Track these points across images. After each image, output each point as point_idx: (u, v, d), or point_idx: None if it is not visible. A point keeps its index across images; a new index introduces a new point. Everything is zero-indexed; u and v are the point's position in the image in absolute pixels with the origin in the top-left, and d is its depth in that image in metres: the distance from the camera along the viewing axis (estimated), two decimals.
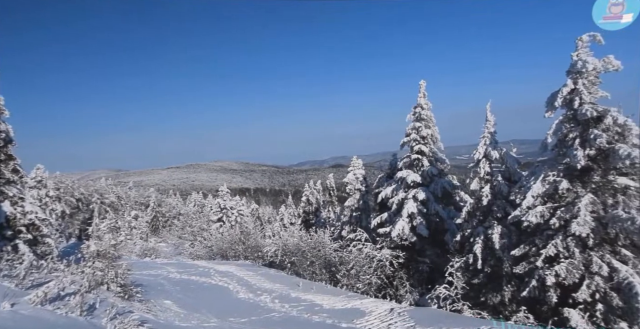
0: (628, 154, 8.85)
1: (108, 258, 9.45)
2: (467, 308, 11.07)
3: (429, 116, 16.05)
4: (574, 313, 9.21)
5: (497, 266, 11.88)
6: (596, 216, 9.39)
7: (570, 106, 9.98)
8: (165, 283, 13.73)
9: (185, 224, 35.94)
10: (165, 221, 43.81)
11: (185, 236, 32.74)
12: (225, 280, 13.96)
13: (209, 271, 15.65)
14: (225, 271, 15.56)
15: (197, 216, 37.77)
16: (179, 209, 45.97)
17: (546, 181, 10.21)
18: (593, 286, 9.20)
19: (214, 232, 27.22)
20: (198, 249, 25.40)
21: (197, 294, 12.05)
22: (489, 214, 12.54)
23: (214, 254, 22.86)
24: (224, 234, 24.22)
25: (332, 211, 33.34)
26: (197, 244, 26.58)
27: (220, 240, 23.10)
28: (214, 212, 35.15)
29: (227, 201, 34.87)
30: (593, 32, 9.62)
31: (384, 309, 9.86)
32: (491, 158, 12.67)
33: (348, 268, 14.18)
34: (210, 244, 24.04)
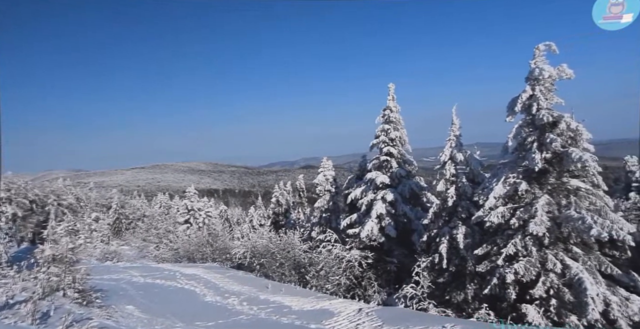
0: (579, 157, 9.42)
1: (65, 262, 8.96)
2: (432, 306, 11.37)
3: (398, 118, 16.38)
4: (530, 308, 9.67)
5: (462, 265, 12.27)
6: (551, 216, 9.92)
7: (529, 111, 10.50)
8: (127, 287, 13.21)
9: (150, 226, 34.73)
10: (129, 223, 42.15)
11: (150, 238, 31.64)
12: (191, 283, 13.60)
13: (174, 275, 15.20)
14: (191, 274, 15.17)
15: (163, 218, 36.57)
16: (143, 211, 44.36)
17: (507, 182, 10.66)
18: (548, 283, 9.70)
19: (181, 234, 26.48)
20: (163, 251, 24.62)
21: (161, 299, 11.67)
22: (454, 215, 12.94)
23: (181, 257, 22.24)
24: (191, 236, 23.62)
25: (302, 212, 33.29)
26: (163, 246, 25.76)
27: (187, 242, 22.51)
28: (181, 214, 34.20)
29: (195, 203, 34.02)
30: (549, 42, 10.19)
31: (352, 310, 9.94)
32: (456, 160, 13.09)
33: (317, 269, 14.20)
34: (176, 247, 23.37)
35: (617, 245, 9.88)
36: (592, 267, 9.65)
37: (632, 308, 9.26)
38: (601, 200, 9.81)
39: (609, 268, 9.60)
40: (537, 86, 10.34)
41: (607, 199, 9.95)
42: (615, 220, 9.41)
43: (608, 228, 9.09)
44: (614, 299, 9.21)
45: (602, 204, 9.75)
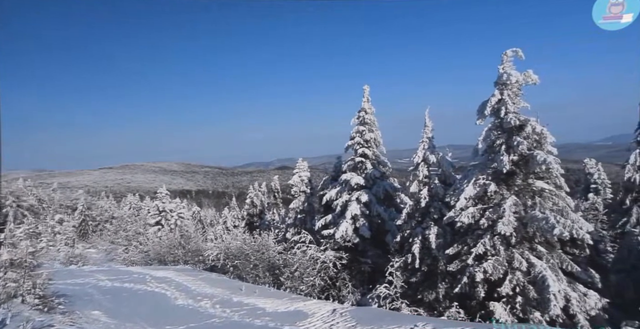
0: (544, 159, 9.84)
1: (24, 267, 8.51)
2: (405, 305, 11.56)
3: (373, 120, 16.59)
4: (498, 306, 10.00)
5: (433, 265, 12.53)
6: (518, 216, 10.30)
7: (498, 115, 10.88)
8: (93, 291, 12.70)
9: (118, 228, 33.55)
10: (96, 225, 40.58)
11: (119, 241, 30.58)
12: (162, 286, 13.24)
13: (144, 278, 14.74)
14: (162, 277, 14.77)
15: (132, 220, 35.41)
16: (112, 212, 42.83)
17: (477, 184, 10.99)
18: (514, 281, 10.06)
19: (151, 236, 25.73)
20: (133, 254, 23.84)
21: (130, 303, 11.29)
22: (426, 216, 13.20)
23: (151, 260, 21.61)
24: (162, 238, 23.00)
25: (277, 213, 33.09)
26: (132, 249, 24.93)
27: (158, 244, 21.90)
28: (152, 216, 33.19)
29: (167, 204, 33.10)
30: (515, 48, 10.60)
31: (326, 310, 9.97)
32: (429, 162, 13.37)
33: (292, 270, 14.15)
34: (146, 249, 22.69)
35: (577, 244, 10.38)
36: (555, 265, 10.09)
37: (589, 303, 9.76)
38: (563, 201, 10.28)
39: (569, 266, 10.07)
40: (505, 91, 10.74)
41: (568, 199, 10.44)
42: (575, 220, 9.89)
43: (569, 228, 9.53)
44: (573, 295, 9.67)
45: (564, 204, 10.22)
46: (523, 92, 10.83)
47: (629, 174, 15.87)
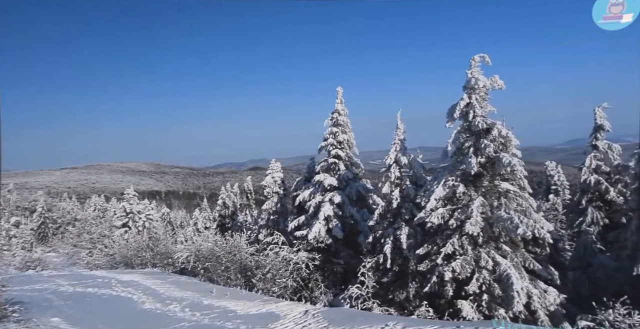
0: (509, 162, 10.25)
1: None
2: (376, 305, 11.71)
3: (346, 121, 16.74)
4: (465, 304, 10.31)
5: (404, 265, 12.76)
6: (485, 217, 10.66)
7: (466, 118, 11.23)
8: (53, 297, 12.08)
9: (82, 231, 32.08)
10: (57, 228, 38.68)
11: (82, 244, 29.24)
12: (129, 290, 12.78)
13: (109, 282, 14.18)
14: (129, 281, 14.25)
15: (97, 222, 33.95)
16: (74, 214, 40.94)
17: (446, 185, 11.29)
18: (481, 279, 10.41)
19: (118, 238, 24.76)
20: (97, 258, 22.88)
21: (93, 308, 10.82)
22: (398, 216, 13.44)
23: (117, 263, 20.81)
24: (129, 241, 22.18)
25: (250, 215, 32.69)
26: (97, 252, 23.93)
27: (124, 247, 21.11)
28: (118, 217, 31.99)
29: (134, 205, 32.00)
30: (482, 54, 11.00)
31: (298, 312, 9.93)
32: (401, 163, 13.61)
33: (264, 272, 14.02)
34: (112, 252, 21.82)
35: (539, 242, 10.86)
36: (518, 263, 10.52)
37: (549, 299, 10.24)
38: (526, 201, 10.74)
39: (531, 264, 10.52)
40: (473, 95, 11.10)
41: (531, 200, 10.91)
42: (537, 220, 10.35)
43: (532, 227, 9.96)
44: (535, 292, 10.11)
45: (527, 205, 10.67)
46: (490, 96, 11.25)
47: (584, 176, 16.77)
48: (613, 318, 7.84)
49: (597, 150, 16.70)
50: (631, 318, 7.73)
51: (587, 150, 17.19)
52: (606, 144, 16.61)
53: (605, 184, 16.40)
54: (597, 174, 16.65)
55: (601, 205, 16.70)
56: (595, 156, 16.74)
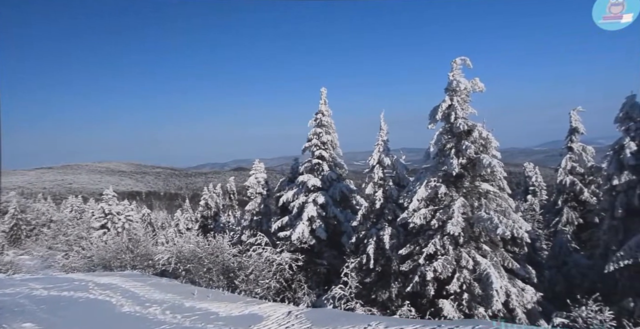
0: (489, 163, 10.47)
1: None
2: (359, 305, 11.76)
3: (330, 122, 16.78)
4: (446, 303, 10.47)
5: (387, 265, 12.86)
6: (466, 217, 10.86)
7: (448, 120, 11.42)
8: (25, 302, 11.67)
9: (58, 233, 31.18)
10: (31, 230, 37.41)
11: (58, 246, 28.42)
12: (107, 293, 12.46)
13: (86, 285, 13.79)
14: (107, 283, 13.90)
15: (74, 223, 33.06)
16: (50, 216, 39.70)
17: (429, 186, 11.45)
18: (462, 278, 10.59)
19: (96, 240, 24.14)
20: (74, 260, 22.23)
21: (69, 313, 10.51)
22: (381, 217, 13.54)
23: (95, 265, 20.27)
24: (108, 243, 21.64)
25: (233, 216, 32.39)
26: (74, 254, 23.25)
27: (103, 249, 20.58)
28: (97, 219, 31.19)
29: (114, 206, 31.28)
30: (463, 57, 11.22)
31: (281, 313, 9.89)
32: (384, 164, 13.73)
33: (247, 273, 13.91)
34: (90, 254, 21.25)
35: (517, 242, 11.14)
36: (497, 263, 10.75)
37: (526, 297, 10.50)
38: (506, 202, 10.99)
39: (510, 263, 10.78)
40: (455, 97, 11.30)
41: (510, 201, 11.17)
42: (516, 220, 10.61)
43: (510, 227, 10.20)
44: (513, 290, 10.36)
45: (507, 205, 10.93)
46: (471, 98, 11.47)
47: (560, 177, 17.30)
48: (586, 315, 8.12)
49: (572, 152, 17.24)
50: (602, 314, 8.02)
51: (563, 152, 17.73)
52: (581, 146, 17.17)
53: (579, 185, 16.95)
54: (572, 175, 17.19)
55: (576, 205, 17.25)
56: (570, 157, 17.28)
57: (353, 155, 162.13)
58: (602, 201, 14.29)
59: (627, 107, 11.31)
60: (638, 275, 9.98)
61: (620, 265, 9.63)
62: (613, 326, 7.93)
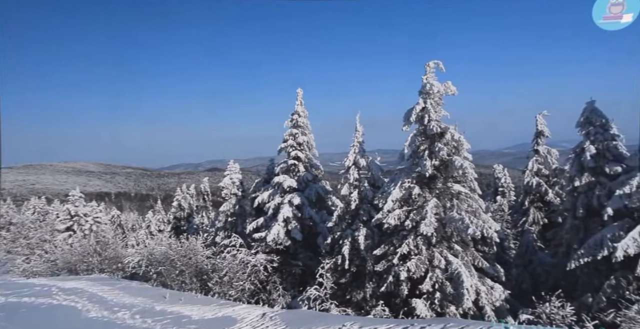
0: (461, 165, 10.77)
1: None
2: (334, 306, 11.80)
3: (306, 123, 16.79)
4: (419, 302, 10.67)
5: (362, 266, 12.98)
6: (438, 217, 11.11)
7: (422, 122, 11.67)
8: None
9: (18, 236, 29.55)
10: None
11: (18, 249, 26.96)
12: (72, 298, 11.93)
13: (49, 290, 13.16)
14: (72, 288, 13.31)
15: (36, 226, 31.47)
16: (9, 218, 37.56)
17: (403, 187, 11.65)
18: (434, 278, 10.83)
19: (61, 243, 23.11)
20: (36, 264, 21.12)
21: (29, 320, 10.00)
22: (356, 218, 13.65)
23: (59, 269, 19.37)
24: (74, 246, 20.75)
25: (206, 217, 31.84)
26: (36, 258, 22.11)
27: (68, 252, 19.69)
28: (62, 221, 29.88)
29: (80, 207, 30.06)
30: (437, 60, 11.50)
31: (256, 315, 9.79)
32: (359, 166, 13.87)
33: (221, 275, 13.68)
34: (54, 258, 20.30)
35: (487, 242, 11.51)
36: (468, 262, 11.06)
37: (495, 295, 10.85)
38: (476, 203, 11.32)
39: (480, 262, 11.11)
40: (429, 100, 11.56)
41: (480, 202, 11.51)
42: (486, 220, 10.94)
43: (481, 227, 10.52)
44: (482, 288, 10.68)
45: (477, 206, 11.25)
46: (444, 101, 11.76)
47: (527, 178, 18.02)
48: (549, 311, 8.49)
49: (538, 154, 18.00)
50: (564, 309, 8.42)
51: (530, 154, 18.48)
52: (546, 149, 17.95)
53: (544, 186, 17.69)
54: (538, 177, 17.93)
55: (541, 206, 18.00)
56: (536, 160, 18.03)
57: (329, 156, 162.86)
58: (565, 201, 14.96)
59: (587, 112, 11.91)
60: (596, 272, 10.52)
61: (581, 263, 10.10)
62: (573, 321, 8.33)
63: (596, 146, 11.56)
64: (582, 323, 8.01)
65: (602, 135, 11.60)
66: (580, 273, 11.05)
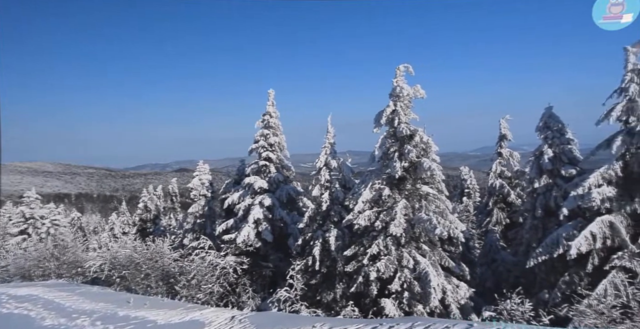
0: (429, 166, 11.05)
1: None
2: (304, 307, 11.77)
3: (277, 124, 16.70)
4: (388, 302, 10.83)
5: (332, 266, 13.02)
6: (407, 218, 11.33)
7: (392, 124, 11.88)
8: None
9: None
10: None
11: None
12: (24, 306, 11.23)
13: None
14: (25, 295, 12.54)
15: None
16: None
17: (373, 188, 11.81)
18: (403, 278, 11.02)
19: (13, 248, 21.76)
20: None
21: None
22: (327, 219, 13.70)
23: (11, 276, 18.22)
24: (28, 250, 19.57)
25: (174, 218, 30.97)
26: None
27: (22, 257, 18.56)
28: (15, 224, 28.12)
29: (36, 209, 28.42)
30: (406, 64, 11.76)
31: (224, 318, 9.61)
32: (331, 167, 13.93)
33: (189, 278, 13.33)
34: (5, 264, 19.08)
35: (453, 242, 11.86)
36: (435, 261, 11.35)
37: (460, 293, 11.20)
38: (444, 204, 11.64)
39: (447, 262, 11.43)
40: (398, 102, 11.80)
41: (447, 203, 11.86)
42: (452, 221, 11.28)
43: (448, 228, 10.83)
44: (449, 287, 10.99)
45: (445, 207, 11.58)
46: (413, 104, 12.04)
47: (491, 180, 18.77)
48: (510, 307, 8.86)
49: (502, 157, 18.77)
50: (523, 306, 8.82)
51: (494, 157, 19.25)
52: (508, 152, 18.75)
53: (507, 187, 18.47)
54: (501, 178, 18.69)
55: (504, 206, 18.77)
56: (500, 162, 18.79)
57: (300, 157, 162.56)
58: (525, 202, 15.66)
59: (545, 117, 12.55)
60: (553, 269, 11.06)
61: (539, 260, 10.59)
62: (532, 316, 8.74)
63: (553, 150, 12.18)
64: (539, 318, 8.41)
65: (558, 139, 12.25)
66: (539, 270, 11.58)
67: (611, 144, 9.85)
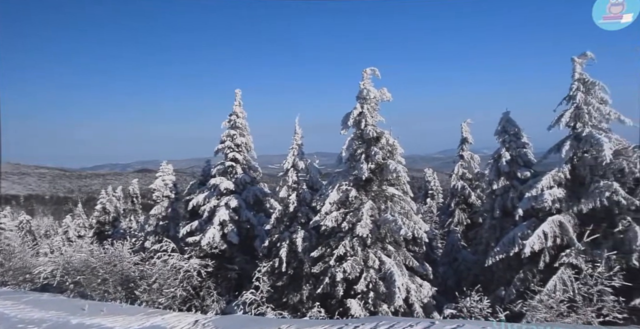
0: (395, 168, 11.29)
1: None
2: (270, 309, 11.65)
3: (244, 124, 16.47)
4: (354, 302, 10.94)
5: (299, 268, 12.97)
6: (373, 219, 11.50)
7: (359, 126, 12.04)
8: None
9: None
10: None
11: None
12: None
13: None
14: None
15: None
16: None
17: (340, 189, 11.89)
18: (368, 278, 11.17)
19: None
20: None
21: None
22: (294, 220, 13.64)
23: None
24: None
25: (135, 221, 29.70)
26: None
27: None
28: None
29: None
30: (373, 67, 11.97)
31: (187, 323, 9.35)
32: (298, 168, 13.90)
33: (150, 282, 12.85)
34: None
35: (417, 242, 12.15)
36: (400, 261, 11.59)
37: (423, 292, 11.50)
38: (409, 205, 11.92)
39: (411, 261, 11.71)
40: (365, 105, 11.98)
41: (412, 204, 12.15)
42: (417, 221, 11.57)
43: (412, 228, 11.10)
44: (412, 287, 11.25)
45: (409, 208, 11.86)
46: (380, 107, 12.26)
47: (453, 182, 19.43)
48: (469, 305, 9.22)
49: (463, 159, 19.49)
50: (481, 303, 9.20)
51: (456, 159, 19.95)
52: (469, 154, 19.50)
53: (468, 189, 19.19)
54: (462, 180, 19.39)
55: (465, 207, 19.47)
56: (461, 164, 19.50)
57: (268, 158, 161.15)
58: (484, 203, 16.32)
59: (503, 121, 13.17)
60: (509, 267, 11.60)
61: (497, 259, 11.07)
62: (489, 312, 9.14)
63: (510, 153, 12.80)
64: (497, 315, 8.81)
65: (515, 143, 12.88)
66: (496, 268, 12.09)
67: (561, 148, 10.48)
